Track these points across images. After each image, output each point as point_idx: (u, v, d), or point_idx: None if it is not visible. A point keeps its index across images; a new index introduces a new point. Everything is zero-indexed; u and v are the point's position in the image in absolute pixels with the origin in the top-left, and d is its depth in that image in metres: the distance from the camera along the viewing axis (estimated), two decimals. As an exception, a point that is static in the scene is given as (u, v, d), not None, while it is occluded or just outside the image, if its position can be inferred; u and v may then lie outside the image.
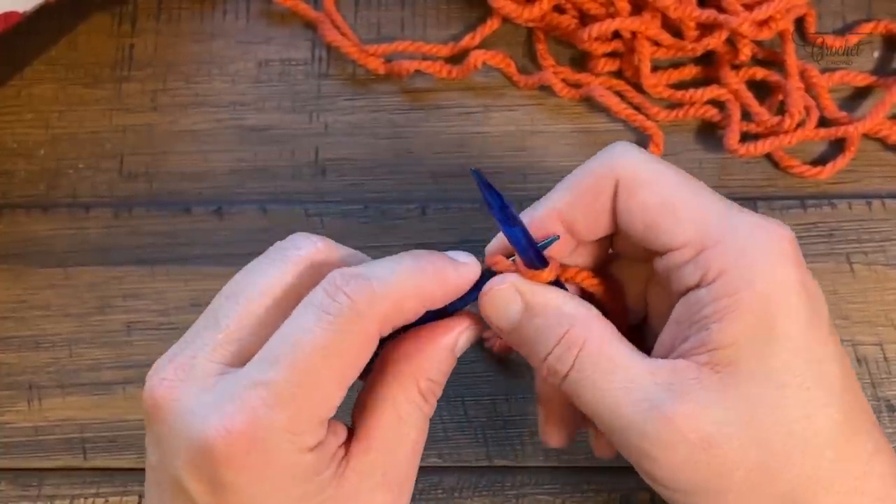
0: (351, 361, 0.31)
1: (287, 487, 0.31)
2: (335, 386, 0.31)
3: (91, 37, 0.52)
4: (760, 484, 0.32)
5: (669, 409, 0.32)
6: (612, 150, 0.35)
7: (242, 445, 0.30)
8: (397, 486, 0.34)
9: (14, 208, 0.50)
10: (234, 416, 0.30)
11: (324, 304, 0.31)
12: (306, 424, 0.31)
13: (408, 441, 0.34)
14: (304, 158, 0.50)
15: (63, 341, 0.48)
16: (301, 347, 0.31)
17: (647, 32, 0.48)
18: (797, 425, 0.32)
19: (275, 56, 0.52)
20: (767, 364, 0.32)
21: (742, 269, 0.32)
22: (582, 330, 0.33)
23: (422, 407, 0.34)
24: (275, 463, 0.31)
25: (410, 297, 0.32)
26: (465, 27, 0.52)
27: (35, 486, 0.46)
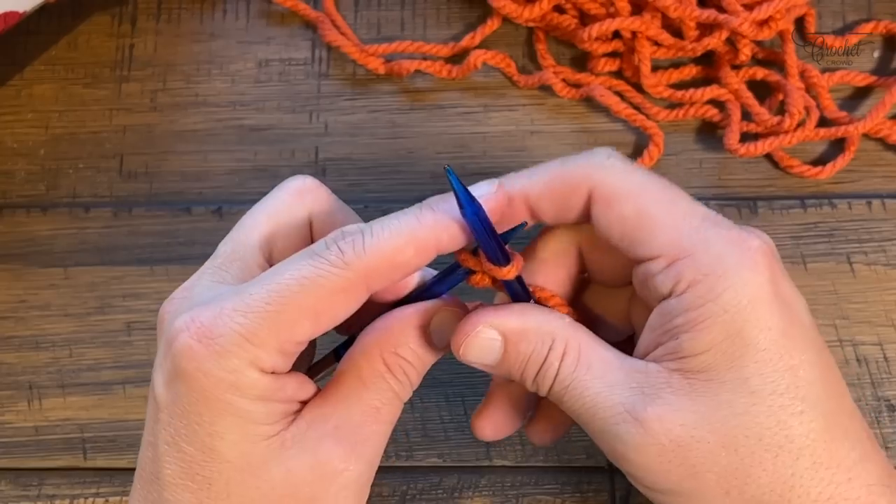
0: (326, 299, 0.32)
1: (229, 395, 0.32)
2: (304, 317, 0.32)
3: (91, 37, 0.52)
4: (733, 488, 0.32)
5: (640, 412, 0.32)
6: (593, 155, 0.35)
7: (199, 335, 0.32)
8: (349, 444, 0.33)
9: (14, 208, 0.50)
10: (202, 311, 0.32)
11: (316, 250, 0.33)
12: (264, 339, 0.32)
13: (367, 405, 0.34)
14: (304, 158, 0.50)
15: (63, 341, 0.48)
16: (281, 275, 0.32)
17: (647, 32, 0.48)
18: (768, 432, 0.32)
19: (275, 56, 0.52)
20: (738, 372, 0.32)
21: (711, 281, 0.32)
22: (561, 342, 0.34)
23: (386, 377, 0.34)
24: (225, 365, 0.31)
25: (404, 248, 0.33)
26: (465, 27, 0.52)
27: (35, 486, 0.46)
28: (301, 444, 0.33)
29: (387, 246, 0.32)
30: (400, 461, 0.46)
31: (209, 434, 0.32)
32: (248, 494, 0.32)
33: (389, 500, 0.45)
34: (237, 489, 0.32)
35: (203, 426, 0.32)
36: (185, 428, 0.32)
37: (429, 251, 0.33)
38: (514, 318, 0.35)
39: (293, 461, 0.33)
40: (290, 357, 0.33)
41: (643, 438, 0.32)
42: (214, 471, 0.32)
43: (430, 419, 0.46)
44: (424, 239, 0.33)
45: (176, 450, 0.32)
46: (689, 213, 0.34)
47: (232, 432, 0.32)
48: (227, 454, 0.32)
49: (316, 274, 0.32)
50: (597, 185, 0.34)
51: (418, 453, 0.46)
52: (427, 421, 0.46)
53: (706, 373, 0.32)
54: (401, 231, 0.33)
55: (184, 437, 0.32)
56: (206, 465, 0.32)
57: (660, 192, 0.34)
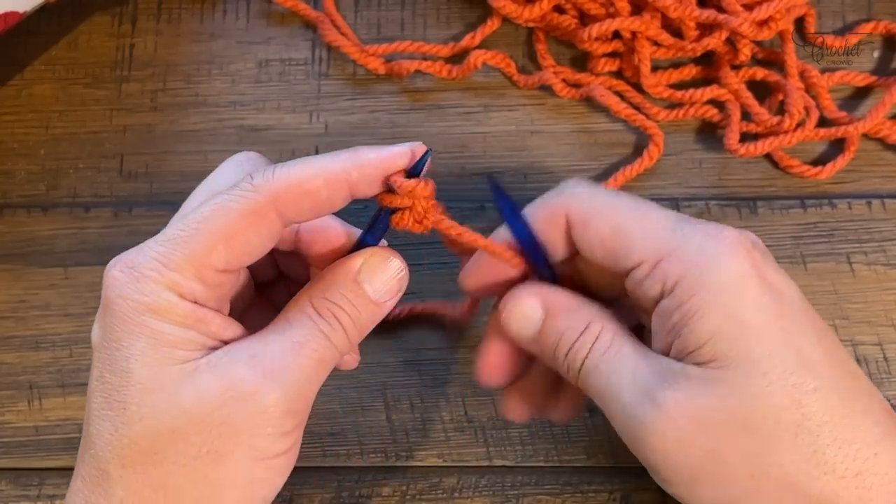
0: (236, 222, 0.33)
1: (145, 317, 0.33)
2: (216, 241, 0.33)
3: (91, 37, 0.52)
4: (757, 470, 0.32)
5: (660, 396, 0.33)
6: (561, 188, 0.37)
7: (122, 267, 0.34)
8: (263, 369, 0.33)
9: (14, 208, 0.50)
10: (130, 251, 0.34)
11: (232, 185, 0.34)
12: (179, 264, 0.33)
13: (288, 339, 0.34)
14: (304, 158, 0.50)
15: (63, 341, 0.48)
16: (199, 209, 0.34)
17: (647, 32, 0.48)
18: (785, 412, 0.32)
19: (275, 56, 0.52)
20: (747, 355, 0.33)
21: (696, 272, 0.33)
22: (598, 324, 0.36)
23: (313, 317, 0.35)
24: (142, 289, 0.33)
25: (313, 177, 0.34)
26: (465, 27, 0.52)
27: (35, 486, 0.46)
28: (213, 369, 0.33)
29: (295, 172, 0.34)
30: (400, 461, 0.46)
31: (125, 357, 0.33)
32: (159, 417, 0.33)
33: (389, 500, 0.45)
34: (149, 412, 0.33)
35: (121, 351, 0.33)
36: (108, 358, 0.33)
37: (339, 184, 0.34)
38: (558, 295, 0.37)
39: (204, 384, 0.33)
40: (212, 287, 0.34)
41: (663, 423, 0.33)
42: (128, 395, 0.33)
43: (430, 419, 0.46)
44: (335, 171, 0.34)
45: (101, 382, 0.33)
46: (661, 218, 0.35)
47: (146, 354, 0.33)
48: (139, 376, 0.33)
49: (227, 200, 0.34)
50: (570, 213, 0.36)
51: (418, 453, 0.46)
52: (427, 421, 0.46)
53: (717, 360, 0.33)
54: (312, 163, 0.34)
55: (107, 367, 0.33)
56: (122, 389, 0.33)
57: (629, 205, 0.36)
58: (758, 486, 0.32)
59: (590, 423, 0.46)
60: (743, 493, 0.33)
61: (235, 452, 0.33)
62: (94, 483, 0.34)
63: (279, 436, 0.34)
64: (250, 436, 0.33)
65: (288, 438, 0.34)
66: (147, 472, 0.33)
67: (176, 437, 0.33)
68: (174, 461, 0.33)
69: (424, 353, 0.47)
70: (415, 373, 0.47)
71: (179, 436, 0.33)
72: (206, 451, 0.33)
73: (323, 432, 0.46)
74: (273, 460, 0.34)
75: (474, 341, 0.47)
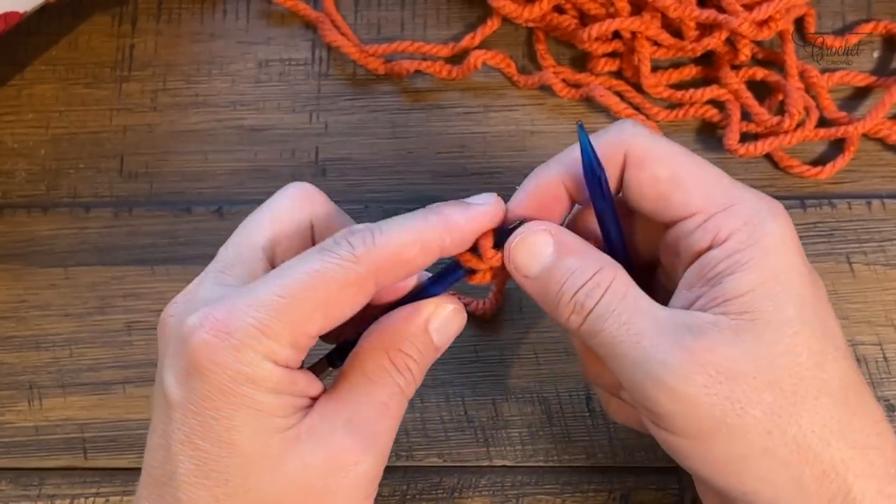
0: (337, 293, 0.33)
1: (245, 388, 0.32)
2: (315, 310, 0.33)
3: (91, 37, 0.52)
4: (775, 427, 0.32)
5: (690, 342, 0.32)
6: (621, 125, 0.36)
7: (215, 330, 0.32)
8: (361, 437, 0.34)
9: (14, 208, 0.50)
10: (216, 308, 0.33)
11: (327, 246, 0.34)
12: (278, 332, 0.32)
13: (376, 400, 0.34)
14: (304, 158, 0.50)
15: (63, 341, 0.48)
16: (292, 270, 0.33)
17: (647, 32, 0.48)
18: (808, 373, 0.32)
19: (275, 56, 0.52)
20: (780, 313, 0.33)
21: (751, 229, 0.33)
22: (611, 271, 0.35)
23: (392, 373, 0.35)
24: (241, 358, 0.32)
25: (411, 245, 0.34)
26: (465, 27, 0.52)
27: (35, 486, 0.46)
28: (315, 437, 0.33)
29: (395, 242, 0.33)
30: (400, 461, 0.46)
31: (226, 428, 0.32)
32: (265, 489, 0.33)
33: (389, 500, 0.45)
34: (255, 483, 0.32)
35: (220, 420, 0.32)
36: (200, 425, 0.32)
37: (433, 251, 0.34)
38: (571, 236, 0.36)
39: (308, 454, 0.33)
40: (302, 351, 0.34)
41: (691, 367, 0.32)
42: (231, 465, 0.32)
43: (430, 419, 0.46)
44: (430, 239, 0.34)
45: (191, 447, 0.32)
46: (719, 175, 0.35)
47: (248, 425, 0.32)
48: (244, 448, 0.32)
49: (326, 268, 0.33)
50: (630, 150, 0.35)
51: (418, 453, 0.46)
52: (427, 421, 0.46)
53: (751, 313, 0.33)
54: (409, 229, 0.34)
55: (199, 433, 0.32)
56: (223, 460, 0.32)
57: (689, 156, 0.35)
58: (773, 445, 0.32)
59: (590, 423, 0.46)
60: (756, 450, 0.32)
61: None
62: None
63: (367, 498, 0.35)
64: (346, 501, 0.34)
65: (372, 499, 0.35)
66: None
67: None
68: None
69: (424, 353, 0.47)
70: (415, 373, 0.47)
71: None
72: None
73: (323, 432, 0.46)
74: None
75: (475, 342, 0.47)
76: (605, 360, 0.35)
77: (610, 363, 0.34)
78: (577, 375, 0.46)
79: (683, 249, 0.35)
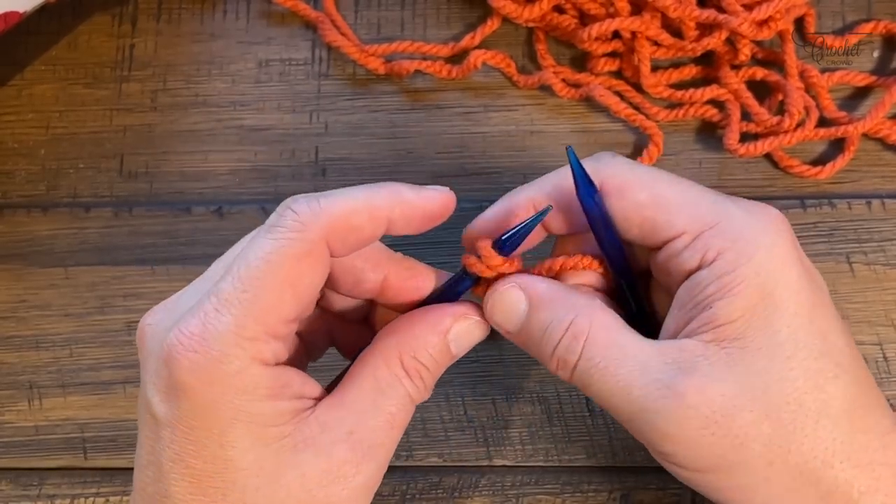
0: (296, 268, 0.32)
1: (237, 400, 0.31)
2: (282, 293, 0.32)
3: (91, 37, 0.52)
4: (776, 458, 0.32)
5: (679, 385, 0.32)
6: (597, 157, 0.36)
7: (194, 345, 0.31)
8: (363, 449, 0.33)
9: (14, 208, 0.50)
10: (189, 321, 0.32)
11: (271, 221, 0.33)
12: (254, 329, 0.31)
13: (383, 411, 0.34)
14: (304, 158, 0.50)
15: (63, 341, 0.48)
16: (247, 258, 0.32)
17: (647, 32, 0.48)
18: (807, 396, 0.32)
19: (275, 56, 0.52)
20: (773, 337, 0.32)
21: (741, 246, 0.33)
22: (585, 318, 0.34)
23: (404, 382, 0.34)
24: (225, 367, 0.31)
25: (359, 212, 0.33)
26: (465, 27, 0.52)
27: (35, 486, 0.46)
28: (314, 448, 0.33)
29: (340, 207, 0.33)
30: (400, 461, 0.46)
31: (220, 445, 0.31)
32: (262, 501, 0.32)
33: (389, 500, 0.45)
34: (252, 496, 0.32)
35: (213, 437, 0.31)
36: (191, 443, 0.32)
37: (381, 221, 0.34)
38: (541, 284, 0.35)
39: (307, 465, 0.32)
40: (285, 340, 0.33)
41: (684, 411, 0.32)
42: (228, 481, 0.32)
43: (430, 419, 0.46)
44: (378, 207, 0.34)
45: (182, 466, 0.32)
46: (703, 192, 0.35)
47: (244, 439, 0.32)
48: (240, 462, 0.32)
49: (279, 246, 0.32)
50: (606, 180, 0.35)
51: (418, 453, 0.46)
52: (427, 421, 0.46)
53: (741, 340, 0.32)
54: (355, 196, 0.33)
55: (191, 452, 0.32)
56: (219, 476, 0.32)
57: (668, 177, 0.35)
58: (774, 473, 0.32)
59: (590, 423, 0.46)
60: (759, 479, 0.32)
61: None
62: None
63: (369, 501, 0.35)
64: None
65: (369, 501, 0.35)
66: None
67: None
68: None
69: (424, 353, 0.47)
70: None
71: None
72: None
73: (323, 432, 0.46)
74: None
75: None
76: (601, 406, 0.35)
77: (606, 409, 0.34)
78: (577, 375, 0.46)
79: (674, 269, 0.34)
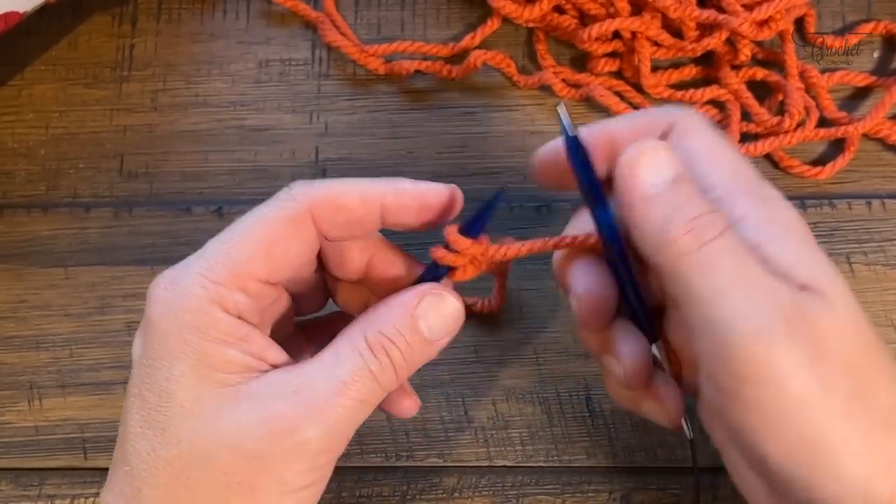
0: (274, 230, 0.34)
1: (189, 335, 0.32)
2: (256, 250, 0.34)
3: (91, 37, 0.52)
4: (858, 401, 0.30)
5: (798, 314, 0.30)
6: (675, 106, 0.36)
7: (166, 283, 0.34)
8: (305, 408, 0.33)
9: (14, 208, 0.50)
10: (175, 267, 0.34)
11: (272, 197, 0.35)
12: (220, 274, 0.33)
13: (334, 378, 0.33)
14: (304, 158, 0.50)
15: (63, 341, 0.48)
16: (237, 223, 0.34)
17: (647, 33, 0.48)
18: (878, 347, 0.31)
19: (275, 56, 0.52)
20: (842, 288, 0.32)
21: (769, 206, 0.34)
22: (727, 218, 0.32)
23: (363, 354, 0.34)
24: (184, 303, 0.33)
25: (351, 193, 0.35)
26: (465, 27, 0.52)
27: (35, 486, 0.46)
28: (254, 400, 0.33)
29: (334, 187, 0.35)
30: (400, 461, 0.46)
31: (166, 378, 0.32)
32: (196, 442, 0.32)
33: (389, 500, 0.45)
34: (187, 436, 0.32)
35: (162, 370, 0.33)
36: (148, 376, 0.33)
37: (374, 205, 0.35)
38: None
39: (243, 415, 0.32)
40: (255, 299, 0.34)
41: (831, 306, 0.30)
42: (169, 416, 0.32)
43: (430, 419, 0.46)
44: (371, 191, 0.35)
45: (139, 399, 0.33)
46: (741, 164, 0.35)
47: (188, 376, 0.32)
48: (181, 398, 0.32)
49: (265, 210, 0.34)
50: (677, 122, 0.35)
51: (418, 453, 0.46)
52: (427, 421, 0.46)
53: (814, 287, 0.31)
54: (350, 181, 0.35)
55: (147, 385, 0.33)
56: (162, 410, 0.33)
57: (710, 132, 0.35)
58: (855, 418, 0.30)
59: (590, 424, 0.46)
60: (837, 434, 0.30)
61: (265, 485, 0.33)
62: (126, 501, 0.33)
63: (310, 471, 0.33)
64: (282, 470, 0.33)
65: (318, 472, 0.34)
66: (178, 496, 0.32)
67: (210, 464, 0.32)
68: (205, 487, 0.32)
69: (424, 353, 0.47)
70: (415, 373, 0.47)
71: (213, 464, 0.32)
72: (238, 481, 0.32)
73: (323, 432, 0.46)
74: (301, 492, 0.33)
75: (475, 342, 0.47)
76: (690, 305, 0.31)
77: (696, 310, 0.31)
78: (577, 375, 0.46)
79: None
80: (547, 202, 0.48)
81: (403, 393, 0.39)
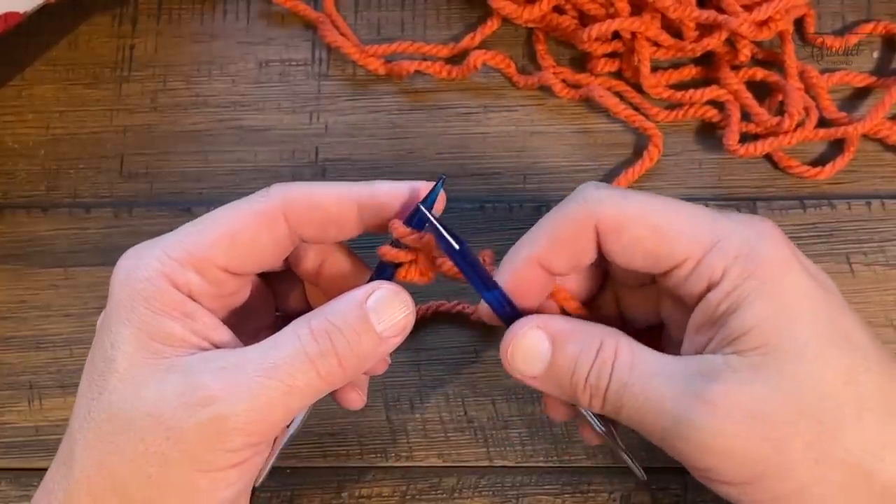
0: (241, 220, 0.35)
1: (134, 303, 0.33)
2: (219, 236, 0.35)
3: (91, 37, 0.52)
4: (821, 454, 0.31)
5: (707, 392, 0.32)
6: (583, 192, 0.35)
7: (129, 255, 0.35)
8: (227, 382, 0.32)
9: (14, 208, 0.50)
10: (144, 243, 0.35)
11: None
12: (178, 252, 0.34)
13: (265, 359, 0.33)
14: (304, 158, 0.50)
15: (63, 341, 0.48)
16: (214, 210, 0.36)
17: (647, 33, 0.48)
18: (843, 391, 0.32)
19: (275, 56, 0.52)
20: (795, 340, 0.32)
21: (742, 262, 0.33)
22: (611, 341, 0.34)
23: (301, 338, 0.34)
24: (136, 273, 0.34)
25: (325, 192, 0.35)
26: (465, 27, 0.52)
27: (36, 486, 0.46)
28: (182, 373, 0.33)
29: (309, 186, 0.35)
30: (400, 461, 0.46)
31: (111, 343, 0.33)
32: (122, 407, 0.33)
33: (389, 500, 0.45)
34: (116, 401, 0.33)
35: (109, 336, 0.34)
36: (99, 341, 0.34)
37: (349, 204, 0.35)
38: (560, 321, 0.35)
39: (168, 385, 0.33)
40: (212, 284, 0.34)
41: (718, 420, 0.32)
42: (107, 381, 0.33)
43: (430, 419, 0.46)
44: (346, 191, 0.35)
45: (90, 364, 0.34)
46: (697, 213, 0.35)
47: (128, 343, 0.33)
48: (118, 364, 0.33)
49: (239, 203, 0.36)
50: (600, 221, 0.35)
51: (418, 453, 0.46)
52: (427, 421, 0.46)
53: (762, 348, 0.32)
54: (327, 183, 0.36)
55: (97, 349, 0.34)
56: (104, 375, 0.33)
57: (662, 205, 0.35)
58: (824, 474, 0.32)
59: (589, 424, 0.46)
60: (808, 482, 0.32)
61: (179, 459, 0.32)
62: (62, 460, 0.34)
63: (225, 451, 0.33)
64: (195, 445, 0.32)
65: (237, 455, 0.33)
66: (102, 460, 0.33)
67: (130, 430, 0.33)
68: (124, 454, 0.33)
69: (424, 353, 0.47)
70: (415, 373, 0.47)
71: (133, 431, 0.32)
72: (153, 451, 0.32)
73: (323, 432, 0.46)
74: (217, 473, 0.33)
75: (475, 342, 0.47)
76: (636, 430, 0.34)
77: (640, 432, 0.34)
78: (576, 375, 0.46)
79: (684, 295, 0.35)
80: (547, 202, 0.48)
81: (351, 384, 0.39)
